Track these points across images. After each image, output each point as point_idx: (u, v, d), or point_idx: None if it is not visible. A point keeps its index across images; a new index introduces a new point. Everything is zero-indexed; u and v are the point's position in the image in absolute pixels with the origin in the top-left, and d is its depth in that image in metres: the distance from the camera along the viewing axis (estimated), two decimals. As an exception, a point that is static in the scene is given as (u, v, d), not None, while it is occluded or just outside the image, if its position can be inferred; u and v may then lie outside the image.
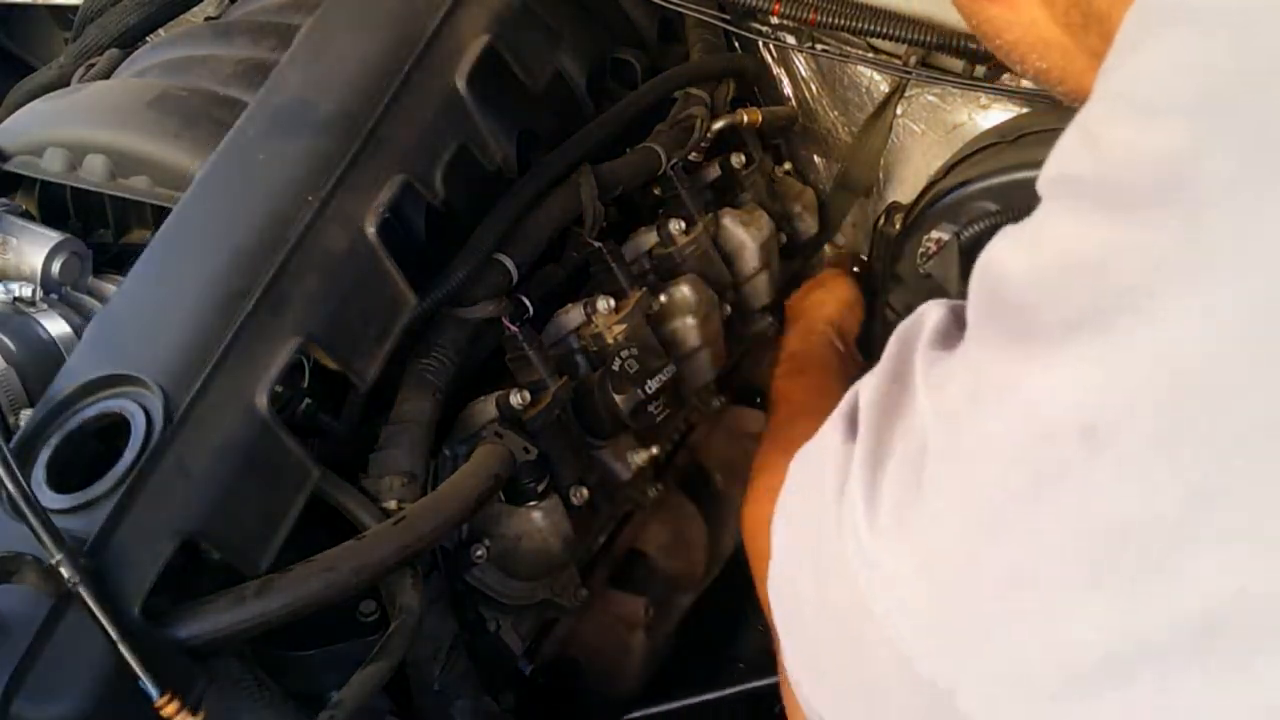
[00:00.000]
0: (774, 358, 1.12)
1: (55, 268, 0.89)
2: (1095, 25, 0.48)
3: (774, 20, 1.25)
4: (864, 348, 1.18)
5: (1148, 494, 0.35)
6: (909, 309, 0.52)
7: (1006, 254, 0.43)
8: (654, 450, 1.01)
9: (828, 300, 1.19)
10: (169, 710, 0.60)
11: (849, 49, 1.25)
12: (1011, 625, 0.39)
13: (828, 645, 0.50)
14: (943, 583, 0.41)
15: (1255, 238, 0.35)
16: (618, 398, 0.97)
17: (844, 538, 0.46)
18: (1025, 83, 1.13)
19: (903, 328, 0.51)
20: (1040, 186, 0.43)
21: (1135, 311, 0.36)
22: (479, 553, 0.86)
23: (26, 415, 0.73)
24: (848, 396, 0.51)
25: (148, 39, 1.21)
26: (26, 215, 0.97)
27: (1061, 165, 0.42)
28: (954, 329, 0.48)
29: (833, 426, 0.51)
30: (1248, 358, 0.34)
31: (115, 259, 0.99)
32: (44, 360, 0.81)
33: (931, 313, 0.49)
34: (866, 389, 0.49)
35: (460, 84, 0.90)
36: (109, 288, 0.93)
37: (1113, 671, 0.36)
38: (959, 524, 0.41)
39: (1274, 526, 0.34)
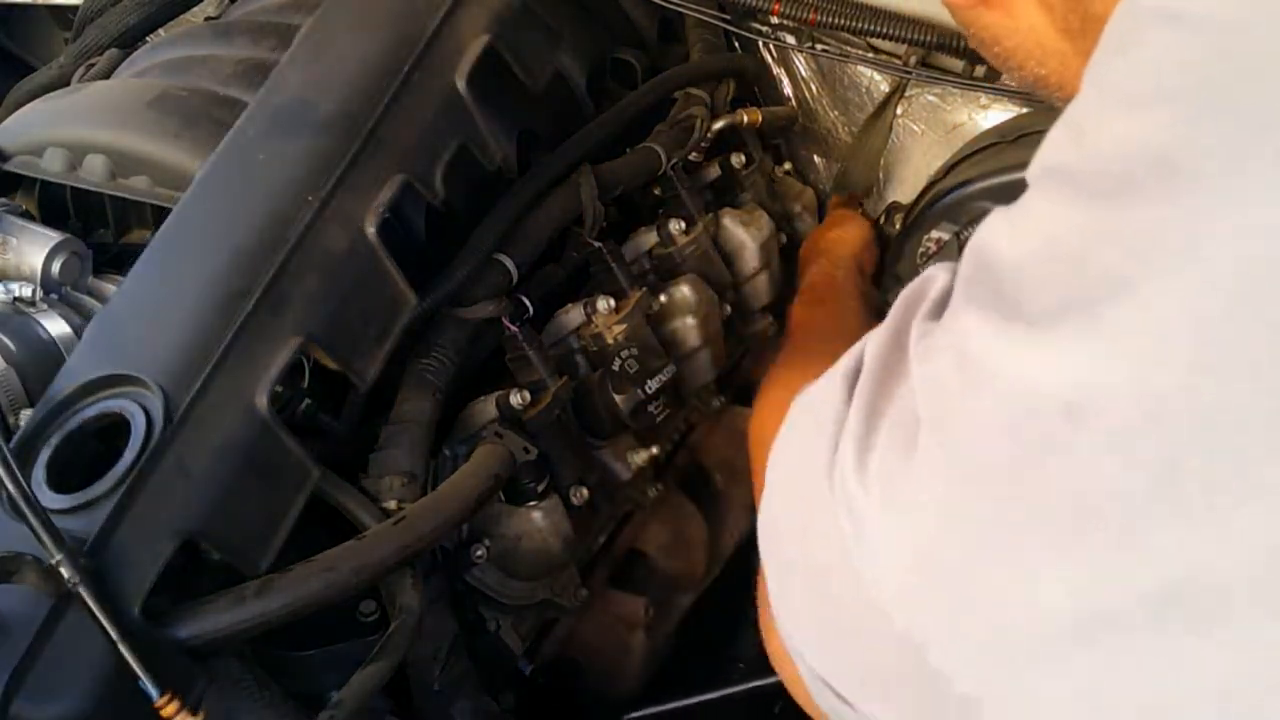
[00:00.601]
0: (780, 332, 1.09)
1: (55, 268, 0.89)
2: (1093, 29, 0.48)
3: (774, 20, 1.25)
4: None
5: (1121, 471, 0.37)
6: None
7: (995, 238, 0.44)
8: (654, 450, 1.01)
9: (849, 238, 1.17)
10: (169, 710, 0.60)
11: (849, 49, 1.25)
12: (989, 588, 0.40)
13: (809, 591, 0.51)
14: (925, 544, 0.43)
15: (1239, 221, 0.36)
16: (618, 398, 0.97)
17: (834, 491, 0.47)
18: (1025, 83, 1.13)
19: (909, 290, 0.51)
20: (1029, 178, 0.44)
21: (1116, 297, 0.37)
22: (479, 553, 0.86)
23: (26, 415, 0.73)
24: (853, 352, 0.52)
25: (148, 39, 1.21)
26: (26, 215, 0.96)
27: (1048, 157, 0.43)
28: None
29: (835, 382, 0.51)
30: (1223, 341, 0.35)
31: (115, 259, 0.98)
32: (44, 360, 0.81)
33: (937, 279, 0.50)
34: (870, 349, 0.50)
35: (460, 84, 0.90)
36: (109, 288, 0.93)
37: (1079, 636, 0.37)
38: (944, 490, 0.42)
39: (1227, 506, 0.35)
